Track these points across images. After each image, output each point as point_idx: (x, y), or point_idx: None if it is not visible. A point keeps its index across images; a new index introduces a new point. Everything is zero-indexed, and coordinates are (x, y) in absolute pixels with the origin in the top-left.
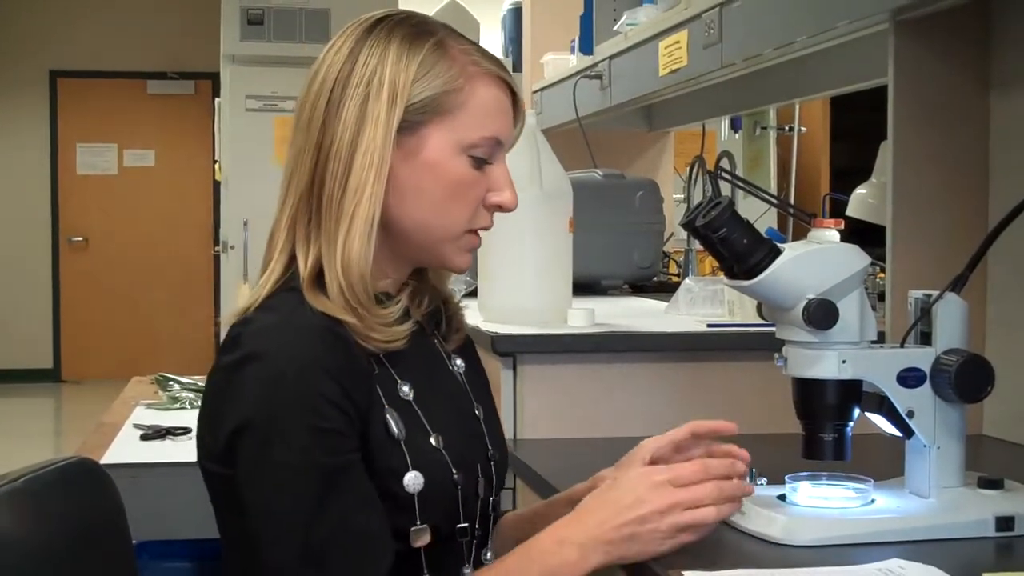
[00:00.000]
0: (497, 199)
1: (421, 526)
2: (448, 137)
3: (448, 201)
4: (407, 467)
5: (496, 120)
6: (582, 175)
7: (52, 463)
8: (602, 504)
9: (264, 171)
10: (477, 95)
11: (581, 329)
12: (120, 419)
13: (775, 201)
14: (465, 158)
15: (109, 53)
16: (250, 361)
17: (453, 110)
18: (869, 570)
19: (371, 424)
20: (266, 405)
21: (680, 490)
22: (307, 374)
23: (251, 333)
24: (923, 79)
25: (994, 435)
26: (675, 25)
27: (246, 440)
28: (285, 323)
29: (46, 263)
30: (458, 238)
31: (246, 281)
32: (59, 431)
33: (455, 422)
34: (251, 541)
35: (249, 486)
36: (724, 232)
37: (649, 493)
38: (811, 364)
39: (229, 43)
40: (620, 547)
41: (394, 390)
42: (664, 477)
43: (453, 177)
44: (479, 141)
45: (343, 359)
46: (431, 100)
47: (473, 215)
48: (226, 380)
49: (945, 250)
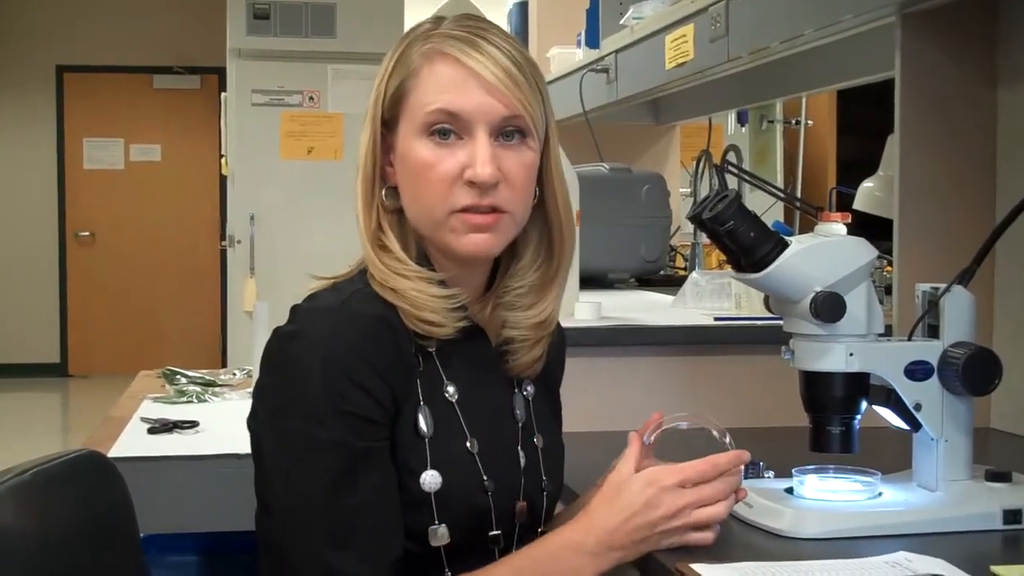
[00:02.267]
0: (468, 174)
1: (439, 526)
2: (408, 124)
3: (420, 186)
4: (426, 465)
5: (445, 92)
6: (589, 169)
7: (60, 456)
8: (612, 510)
9: (271, 166)
10: (427, 74)
11: (588, 322)
12: (127, 413)
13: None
14: (426, 139)
15: (115, 48)
16: (297, 338)
17: (408, 95)
18: (876, 563)
19: (402, 417)
20: (299, 382)
21: (690, 491)
22: (344, 359)
23: (307, 310)
24: (930, 72)
25: (1002, 428)
26: (681, 19)
27: (275, 410)
28: (338, 307)
29: (53, 258)
30: (443, 221)
31: (253, 275)
32: (66, 425)
33: (499, 435)
34: (273, 506)
35: (273, 457)
36: (731, 225)
37: (659, 497)
38: (818, 357)
39: (235, 38)
40: (631, 551)
41: (438, 388)
42: (674, 481)
43: (416, 161)
44: (428, 116)
45: (386, 349)
46: (395, 92)
47: (447, 195)
48: (274, 350)
49: (952, 243)
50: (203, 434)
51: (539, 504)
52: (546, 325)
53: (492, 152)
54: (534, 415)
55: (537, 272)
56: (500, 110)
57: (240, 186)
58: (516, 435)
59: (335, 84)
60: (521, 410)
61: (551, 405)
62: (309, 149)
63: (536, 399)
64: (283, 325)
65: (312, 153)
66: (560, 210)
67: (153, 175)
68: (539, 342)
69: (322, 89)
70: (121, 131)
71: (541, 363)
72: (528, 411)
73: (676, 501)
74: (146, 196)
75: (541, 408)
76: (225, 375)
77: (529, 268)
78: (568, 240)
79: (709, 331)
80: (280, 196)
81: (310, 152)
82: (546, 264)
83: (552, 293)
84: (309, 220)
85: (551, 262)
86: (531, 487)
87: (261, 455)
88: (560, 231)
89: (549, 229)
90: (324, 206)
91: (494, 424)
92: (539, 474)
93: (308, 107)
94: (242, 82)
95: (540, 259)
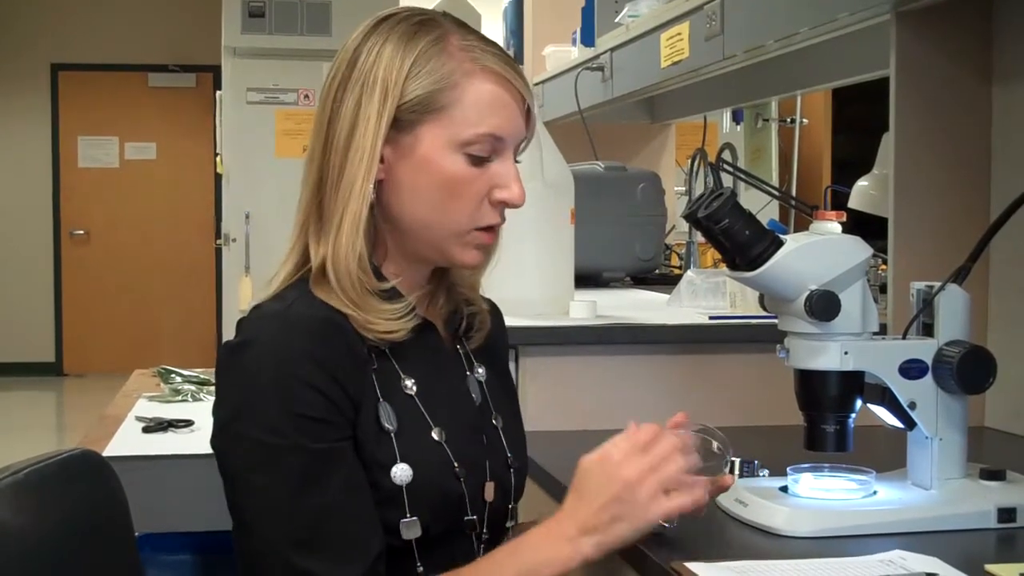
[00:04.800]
0: (501, 195)
1: (411, 519)
2: (442, 134)
3: (445, 199)
4: (395, 459)
5: (493, 116)
6: (584, 167)
7: (54, 455)
8: (577, 496)
9: (265, 164)
10: (472, 91)
11: (583, 321)
12: (122, 412)
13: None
14: (461, 155)
15: (110, 46)
16: (245, 347)
17: (447, 107)
18: (871, 561)
19: (362, 414)
20: (250, 389)
21: (644, 454)
22: (292, 361)
23: (253, 319)
24: (925, 71)
25: (996, 427)
26: (677, 17)
27: (230, 420)
28: (284, 312)
29: (47, 256)
30: (462, 235)
31: (248, 274)
32: (61, 424)
33: (462, 421)
34: (242, 519)
35: (235, 467)
36: (726, 224)
37: (615, 470)
38: (813, 356)
39: (230, 36)
40: (609, 532)
41: (395, 383)
42: (623, 448)
43: (447, 175)
44: (474, 138)
45: (336, 349)
46: (425, 98)
47: (475, 212)
48: (224, 362)
49: (947, 242)
50: (198, 433)
51: (507, 482)
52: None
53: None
54: (489, 396)
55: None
56: (524, 133)
57: (235, 184)
58: (477, 418)
59: None
60: (476, 393)
61: (503, 383)
62: (304, 147)
63: (488, 380)
64: (232, 338)
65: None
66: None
67: (148, 173)
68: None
69: (317, 87)
70: (116, 129)
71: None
72: (483, 392)
73: (631, 470)
74: (141, 194)
75: (494, 388)
76: None
77: None
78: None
79: (704, 330)
80: (275, 194)
81: (305, 150)
82: None
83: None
84: None
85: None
86: (498, 467)
87: (227, 470)
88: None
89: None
90: None
91: (456, 411)
92: (503, 453)
93: (303, 105)
94: (237, 80)
95: None
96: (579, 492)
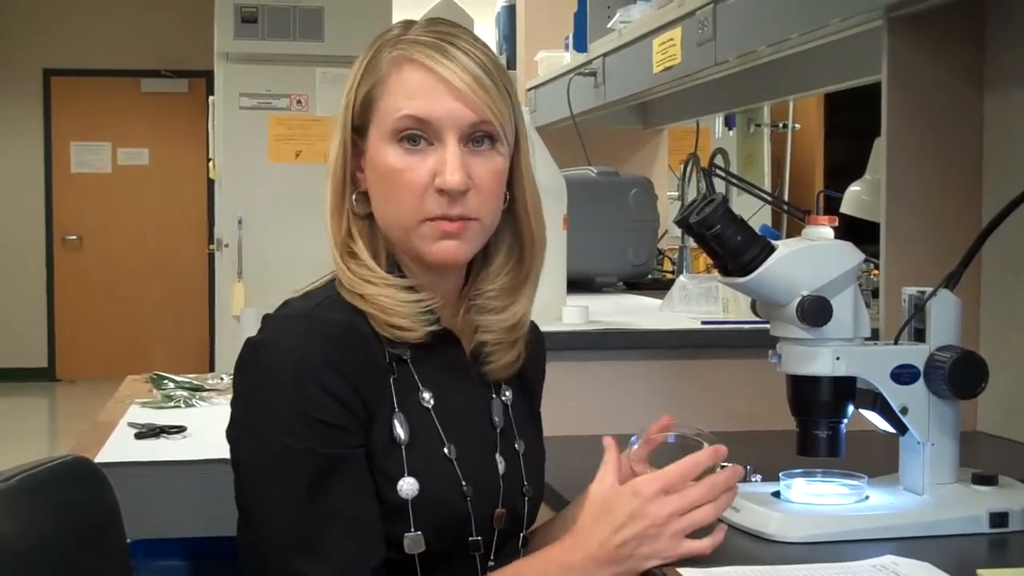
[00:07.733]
0: (438, 181)
1: (415, 533)
2: (378, 130)
3: (390, 192)
4: (403, 472)
5: (415, 99)
6: (576, 172)
7: (46, 462)
8: (598, 525)
9: (258, 169)
10: (397, 80)
11: (575, 326)
12: (114, 418)
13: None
14: (395, 145)
15: (103, 51)
16: (266, 346)
17: (378, 101)
18: (864, 567)
19: (376, 423)
20: (268, 388)
21: (674, 497)
22: (310, 366)
23: (277, 318)
24: (917, 76)
25: (988, 431)
26: (669, 22)
27: (245, 415)
28: (307, 314)
29: (40, 262)
30: (415, 228)
31: (240, 279)
32: (53, 430)
33: (477, 440)
34: (247, 515)
35: (246, 465)
36: (718, 229)
37: (644, 507)
38: (805, 361)
39: (223, 41)
40: (623, 566)
41: (413, 395)
42: (655, 488)
43: (387, 167)
44: (398, 123)
45: (356, 356)
46: (365, 98)
47: (418, 203)
48: (245, 359)
49: (939, 247)
50: (190, 439)
51: (520, 510)
52: (519, 328)
53: (462, 159)
54: (514, 420)
55: (508, 275)
56: (469, 116)
57: (228, 190)
58: (494, 441)
59: (323, 87)
60: (499, 416)
61: (530, 409)
62: (297, 152)
63: (515, 404)
64: (254, 335)
65: (300, 157)
66: (530, 213)
67: (141, 179)
68: (514, 344)
69: (310, 92)
70: (108, 135)
71: (519, 364)
72: (507, 416)
73: (661, 510)
74: (134, 200)
75: (520, 413)
76: (212, 380)
77: (500, 272)
78: (539, 243)
79: (696, 335)
80: (268, 200)
81: (298, 156)
82: (517, 267)
83: (524, 296)
84: (297, 224)
85: (522, 265)
86: (511, 493)
87: (237, 464)
88: (531, 234)
89: (520, 232)
90: (312, 210)
91: (471, 430)
92: (520, 480)
93: (296, 110)
94: (230, 85)
95: (511, 263)
96: (598, 521)
